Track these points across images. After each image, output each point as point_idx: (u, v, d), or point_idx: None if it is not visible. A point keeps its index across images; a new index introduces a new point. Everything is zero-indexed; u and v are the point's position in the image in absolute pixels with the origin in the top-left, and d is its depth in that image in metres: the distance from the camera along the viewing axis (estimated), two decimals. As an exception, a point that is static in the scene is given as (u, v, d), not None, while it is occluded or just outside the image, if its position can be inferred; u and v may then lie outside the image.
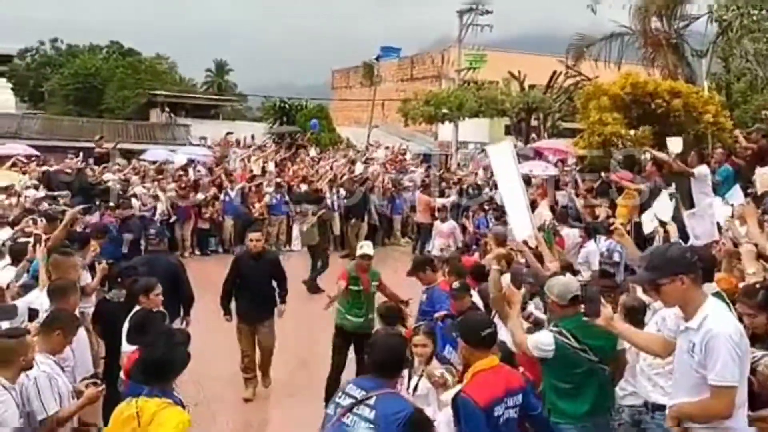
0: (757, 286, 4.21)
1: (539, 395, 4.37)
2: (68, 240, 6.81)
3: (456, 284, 6.05)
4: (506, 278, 6.87)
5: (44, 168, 15.53)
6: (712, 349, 3.32)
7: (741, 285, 4.65)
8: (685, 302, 3.48)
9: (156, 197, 15.16)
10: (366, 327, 7.07)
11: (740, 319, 4.37)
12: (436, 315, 5.81)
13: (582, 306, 4.15)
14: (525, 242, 6.60)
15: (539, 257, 6.42)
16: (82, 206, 8.78)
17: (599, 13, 19.96)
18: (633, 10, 18.47)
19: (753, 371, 3.91)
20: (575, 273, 6.67)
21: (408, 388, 5.09)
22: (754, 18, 16.00)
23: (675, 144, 9.92)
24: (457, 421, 3.86)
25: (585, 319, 4.00)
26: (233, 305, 7.71)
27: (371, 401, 3.54)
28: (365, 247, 7.44)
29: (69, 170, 14.76)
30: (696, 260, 3.53)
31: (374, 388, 3.59)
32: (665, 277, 3.45)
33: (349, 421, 3.54)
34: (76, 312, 5.01)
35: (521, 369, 4.44)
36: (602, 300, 3.97)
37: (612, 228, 5.66)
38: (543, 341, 4.30)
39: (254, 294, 7.71)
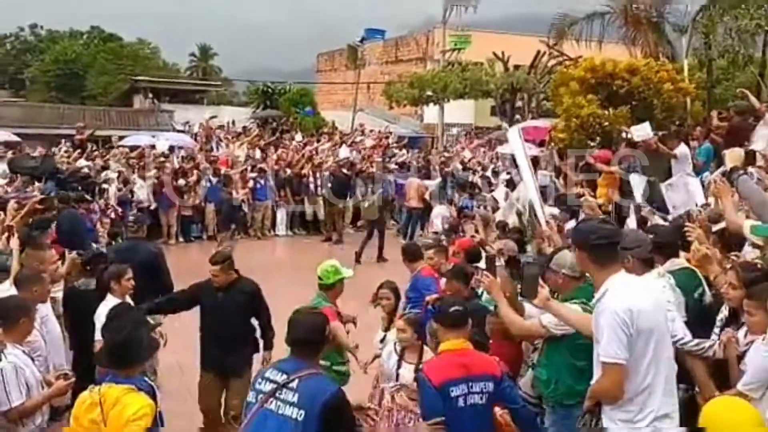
0: (759, 265, 4.18)
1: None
2: (37, 227, 6.70)
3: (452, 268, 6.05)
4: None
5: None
6: (598, 325, 3.34)
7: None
8: (589, 274, 3.65)
9: (126, 182, 14.92)
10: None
11: (711, 287, 4.38)
12: (428, 299, 5.72)
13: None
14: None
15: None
16: (40, 196, 8.30)
17: (581, -8, 19.89)
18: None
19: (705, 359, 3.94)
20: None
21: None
22: (736, -6, 16.00)
23: (642, 129, 9.93)
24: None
25: (520, 298, 4.03)
26: (195, 357, 6.10)
27: (293, 384, 3.45)
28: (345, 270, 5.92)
29: (35, 156, 14.24)
30: (598, 243, 3.45)
31: (296, 370, 3.51)
32: (574, 245, 3.69)
33: (273, 406, 3.46)
34: (47, 302, 5.01)
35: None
36: (540, 280, 4.00)
37: (582, 199, 5.64)
38: None
39: (223, 336, 5.81)
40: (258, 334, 6.06)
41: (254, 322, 6.07)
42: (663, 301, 3.78)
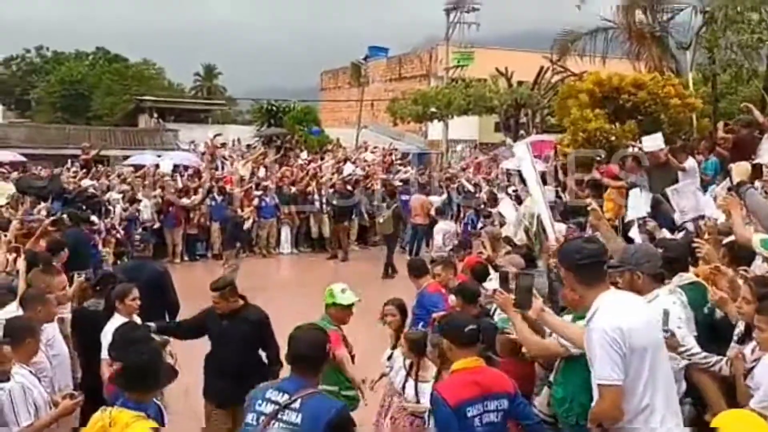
0: None
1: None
2: (49, 250, 6.72)
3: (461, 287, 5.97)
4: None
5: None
6: (590, 346, 3.27)
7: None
8: (578, 294, 3.52)
9: (133, 201, 14.94)
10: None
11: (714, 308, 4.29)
12: (435, 315, 5.59)
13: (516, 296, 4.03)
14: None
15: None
16: (52, 218, 8.34)
17: (585, 8, 19.99)
18: (617, 4, 18.54)
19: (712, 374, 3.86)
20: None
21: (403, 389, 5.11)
22: (738, 9, 16.04)
23: (653, 140, 9.89)
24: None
25: (515, 310, 3.95)
26: (200, 379, 5.78)
27: (296, 404, 3.34)
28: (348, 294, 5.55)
29: (42, 176, 14.43)
30: (583, 263, 3.41)
31: (298, 389, 3.39)
32: (562, 266, 3.57)
33: (276, 429, 3.33)
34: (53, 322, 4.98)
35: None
36: (534, 291, 3.93)
37: (590, 209, 5.55)
38: None
39: (226, 366, 5.53)
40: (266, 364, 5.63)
41: (262, 353, 5.69)
42: (656, 319, 3.68)
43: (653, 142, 9.80)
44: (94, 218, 12.12)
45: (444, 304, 6.14)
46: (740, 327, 4.11)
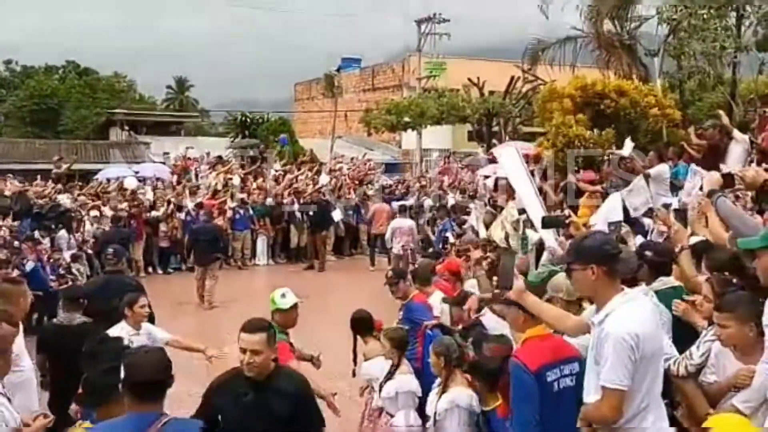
0: (734, 280, 4.12)
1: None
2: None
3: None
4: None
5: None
6: (603, 350, 3.25)
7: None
8: (594, 294, 3.42)
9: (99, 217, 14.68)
10: None
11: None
12: (426, 323, 5.58)
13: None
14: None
15: None
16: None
17: (554, 18, 20.28)
18: (584, 13, 18.82)
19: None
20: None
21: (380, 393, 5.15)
22: (703, 17, 16.38)
23: (627, 146, 10.16)
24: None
25: (497, 291, 3.94)
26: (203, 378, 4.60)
27: None
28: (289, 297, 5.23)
29: (8, 192, 13.96)
30: (615, 253, 3.40)
31: (155, 421, 3.02)
32: (578, 264, 3.39)
33: None
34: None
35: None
36: (516, 272, 3.93)
37: (568, 222, 5.59)
38: None
39: None
40: None
41: None
42: (662, 323, 3.75)
43: (626, 149, 10.04)
44: (63, 232, 11.96)
45: (430, 314, 6.00)
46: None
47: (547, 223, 5.87)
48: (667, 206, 7.46)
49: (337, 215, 17.37)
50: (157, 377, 3.08)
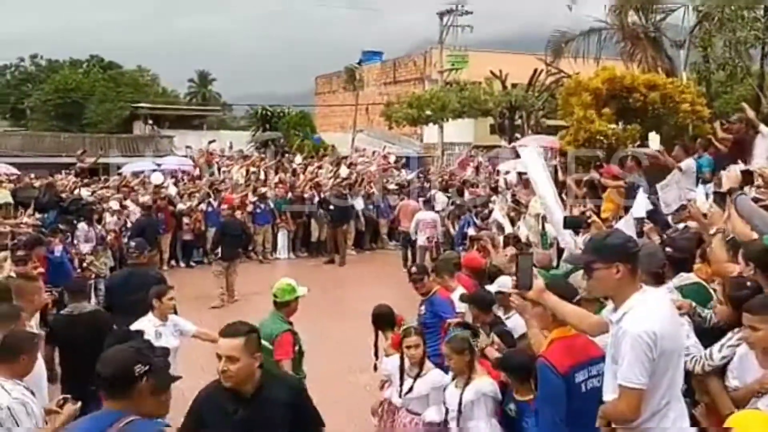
0: (748, 284, 4.04)
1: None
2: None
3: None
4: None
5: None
6: (621, 348, 3.21)
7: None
8: (615, 292, 3.34)
9: (121, 210, 14.69)
10: None
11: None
12: (449, 321, 5.46)
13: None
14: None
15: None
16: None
17: (577, 10, 20.07)
18: (610, 6, 18.59)
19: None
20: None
21: (401, 392, 5.11)
22: (733, 7, 16.08)
23: (653, 140, 10.00)
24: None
25: (515, 290, 3.88)
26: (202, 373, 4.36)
27: None
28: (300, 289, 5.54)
29: (37, 184, 14.14)
30: (637, 251, 3.37)
31: (116, 420, 2.94)
32: (600, 262, 3.31)
33: None
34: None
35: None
36: (534, 271, 3.86)
37: (590, 221, 5.53)
38: None
39: None
40: None
41: None
42: (682, 322, 3.70)
43: (653, 143, 9.91)
44: (83, 225, 12.04)
45: (452, 310, 5.94)
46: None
47: (569, 224, 5.81)
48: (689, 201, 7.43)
49: (358, 204, 17.36)
50: (120, 373, 3.00)
